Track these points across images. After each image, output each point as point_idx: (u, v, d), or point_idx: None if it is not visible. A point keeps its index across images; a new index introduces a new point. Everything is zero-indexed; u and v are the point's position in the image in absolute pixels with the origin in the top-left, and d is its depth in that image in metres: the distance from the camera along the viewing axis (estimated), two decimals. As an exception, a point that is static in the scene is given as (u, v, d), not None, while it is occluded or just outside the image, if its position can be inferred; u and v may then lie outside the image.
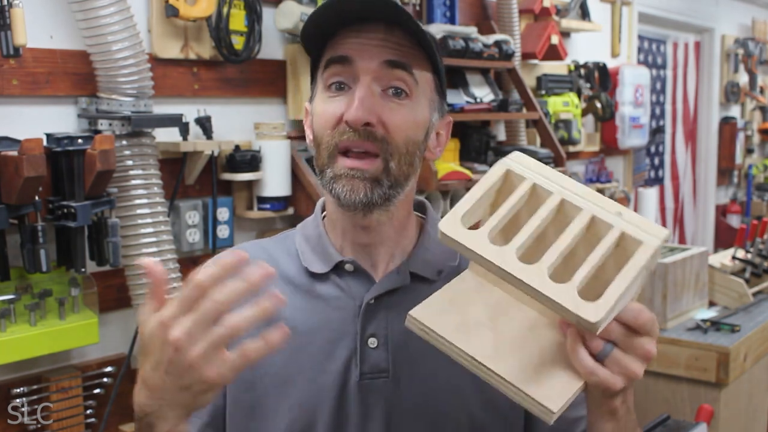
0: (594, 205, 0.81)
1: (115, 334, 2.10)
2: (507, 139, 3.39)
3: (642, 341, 0.78)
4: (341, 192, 0.97)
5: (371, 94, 0.96)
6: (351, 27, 0.97)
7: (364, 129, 0.95)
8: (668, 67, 5.34)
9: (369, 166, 0.96)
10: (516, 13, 3.26)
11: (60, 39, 1.94)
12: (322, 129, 0.99)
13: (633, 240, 0.78)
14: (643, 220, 0.80)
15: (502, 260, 0.76)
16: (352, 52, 0.96)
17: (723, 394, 2.45)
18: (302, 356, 1.00)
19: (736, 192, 5.91)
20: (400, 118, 0.97)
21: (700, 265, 2.79)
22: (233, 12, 2.25)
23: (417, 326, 0.83)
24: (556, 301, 0.73)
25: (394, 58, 0.96)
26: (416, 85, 0.99)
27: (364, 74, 0.96)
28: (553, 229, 0.81)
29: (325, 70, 0.99)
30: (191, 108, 2.20)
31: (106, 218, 1.90)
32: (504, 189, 0.85)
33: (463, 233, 0.79)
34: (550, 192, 0.82)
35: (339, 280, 1.03)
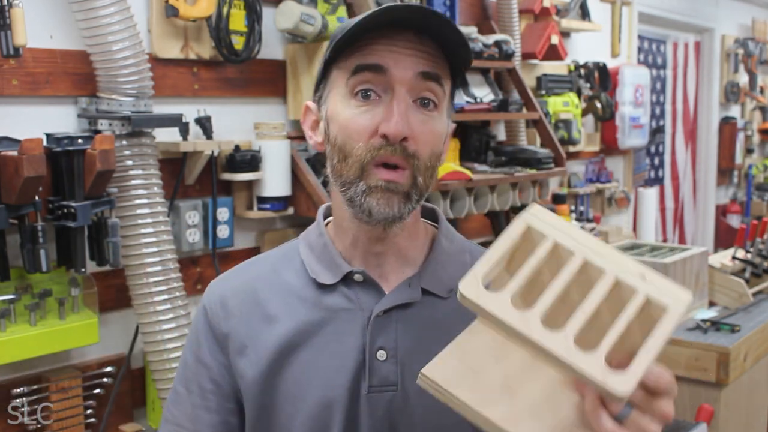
0: (616, 266, 0.79)
1: (115, 334, 2.10)
2: (507, 139, 3.39)
3: (660, 403, 0.77)
4: (375, 206, 0.94)
5: (408, 107, 0.93)
6: (380, 32, 0.94)
7: (400, 144, 0.93)
8: (668, 67, 5.34)
9: (402, 179, 0.94)
10: (516, 13, 3.26)
11: (60, 39, 1.94)
12: (353, 140, 0.94)
13: (658, 306, 0.77)
14: (665, 282, 0.78)
15: (527, 327, 0.75)
16: (387, 61, 0.93)
17: (723, 394, 2.45)
18: (312, 370, 0.99)
19: (736, 192, 5.91)
20: (428, 131, 0.95)
21: (700, 265, 2.79)
22: (233, 12, 2.25)
23: (430, 385, 0.81)
24: (585, 374, 0.72)
25: (429, 69, 0.94)
26: (444, 96, 0.97)
27: (400, 85, 0.93)
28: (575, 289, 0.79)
29: (353, 75, 0.95)
30: (191, 108, 2.20)
31: (106, 218, 1.90)
32: (523, 246, 0.82)
33: (485, 297, 0.77)
34: (571, 252, 0.80)
35: (348, 290, 1.01)
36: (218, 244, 2.28)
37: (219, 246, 2.29)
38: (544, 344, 0.73)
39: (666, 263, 2.60)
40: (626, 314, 0.76)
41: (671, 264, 2.61)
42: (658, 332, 0.75)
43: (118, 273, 2.05)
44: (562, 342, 0.73)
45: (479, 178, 2.77)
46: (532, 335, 0.74)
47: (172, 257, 2.02)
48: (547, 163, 3.08)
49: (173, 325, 1.99)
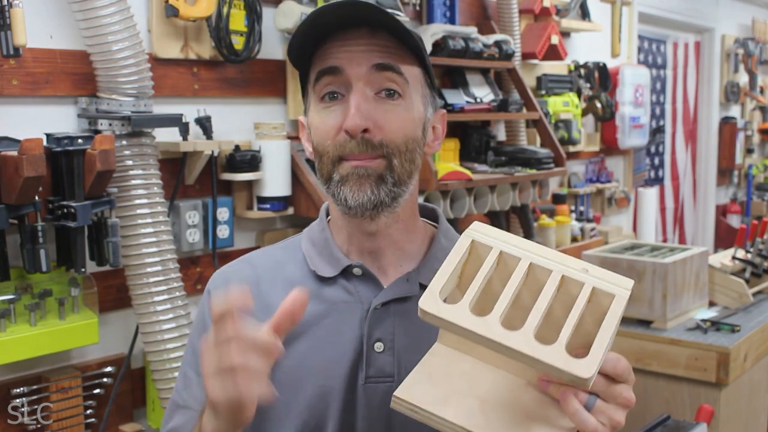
0: (561, 265, 0.85)
1: (115, 334, 2.10)
2: (507, 139, 3.39)
3: (621, 389, 0.81)
4: (348, 192, 0.98)
5: (365, 100, 0.97)
6: (335, 36, 0.98)
7: (362, 137, 0.96)
8: (668, 67, 5.33)
9: (372, 163, 0.98)
10: (516, 13, 3.26)
11: (60, 39, 1.94)
12: (323, 140, 1.00)
13: (605, 294, 0.83)
14: (607, 273, 0.85)
15: (488, 331, 0.79)
16: (341, 61, 0.98)
17: (723, 394, 2.45)
18: (310, 359, 1.01)
19: (736, 192, 5.91)
20: (396, 118, 0.99)
21: (700, 265, 2.79)
22: (233, 12, 2.25)
23: (404, 406, 0.84)
24: (549, 363, 0.76)
25: (381, 60, 0.98)
26: (407, 84, 1.00)
27: (356, 81, 0.97)
28: (526, 293, 0.84)
29: (316, 82, 1.00)
30: (191, 108, 2.20)
31: (106, 218, 1.90)
32: (470, 261, 0.87)
33: (445, 309, 0.81)
34: (517, 258, 0.85)
35: (347, 283, 1.04)
36: (218, 244, 2.28)
37: (219, 246, 2.29)
38: (507, 343, 0.78)
39: (666, 263, 2.60)
40: (578, 305, 0.81)
41: (671, 264, 2.61)
42: (610, 317, 0.80)
43: (118, 273, 2.05)
44: (523, 339, 0.78)
45: (479, 178, 2.77)
46: (495, 337, 0.78)
47: (172, 257, 2.02)
48: (547, 163, 3.08)
49: (173, 325, 1.99)
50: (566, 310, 0.82)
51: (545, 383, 0.82)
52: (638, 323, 2.66)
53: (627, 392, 0.82)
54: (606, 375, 0.81)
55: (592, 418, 0.79)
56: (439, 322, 0.81)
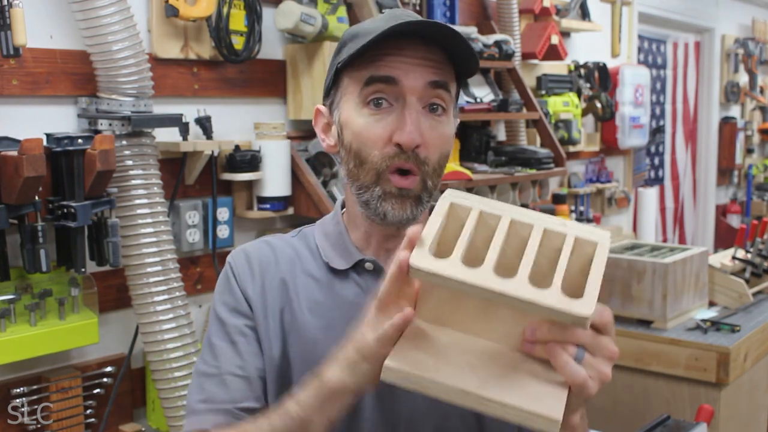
0: (540, 220, 0.88)
1: (115, 334, 2.10)
2: (507, 139, 3.39)
3: (606, 341, 0.82)
4: (390, 210, 1.00)
5: (419, 116, 0.98)
6: (389, 43, 0.98)
7: (413, 151, 0.98)
8: (668, 67, 5.33)
9: (412, 184, 1.00)
10: (516, 13, 3.26)
11: (60, 39, 1.94)
12: (368, 147, 1.00)
13: (588, 242, 0.86)
14: (584, 226, 0.89)
15: (484, 280, 0.80)
16: (397, 72, 0.98)
17: (723, 394, 2.45)
18: (320, 350, 1.02)
19: (736, 192, 5.91)
20: (438, 135, 1.01)
21: (700, 265, 2.79)
22: (233, 12, 2.25)
23: (397, 375, 0.83)
24: (549, 306, 0.77)
25: (437, 78, 0.99)
26: (452, 101, 1.02)
27: (411, 95, 0.98)
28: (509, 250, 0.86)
29: (365, 86, 0.99)
30: (191, 108, 2.20)
31: (106, 218, 1.90)
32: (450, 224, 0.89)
33: (437, 264, 0.82)
34: (498, 216, 0.88)
35: (358, 278, 1.06)
36: (218, 244, 2.28)
37: (219, 246, 2.29)
38: (506, 290, 0.79)
39: (666, 263, 2.60)
40: (564, 253, 0.84)
41: (671, 264, 2.61)
42: (597, 260, 0.84)
43: (118, 273, 2.05)
44: (519, 285, 0.79)
45: (479, 178, 2.77)
46: (493, 285, 0.79)
47: (172, 257, 2.02)
48: (547, 163, 3.08)
49: (173, 325, 1.99)
50: (551, 263, 0.83)
51: (530, 345, 0.82)
52: (638, 323, 2.66)
53: (612, 345, 0.83)
54: (593, 326, 0.82)
55: (582, 370, 0.80)
56: (432, 278, 0.81)
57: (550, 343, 0.81)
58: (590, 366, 0.81)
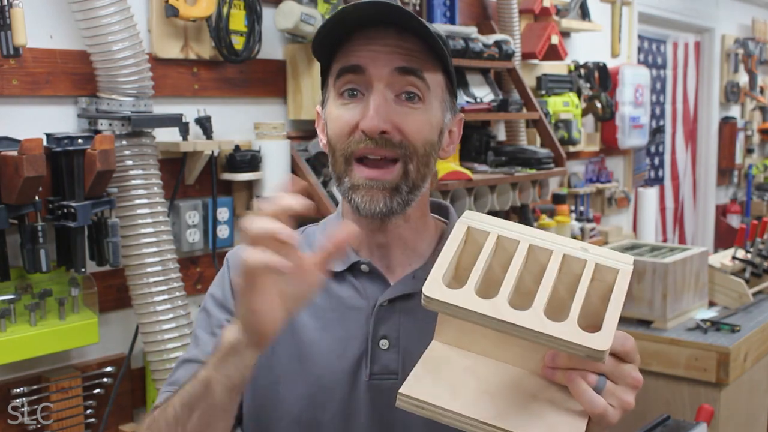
0: (560, 245, 0.84)
1: (115, 334, 2.10)
2: (507, 139, 3.39)
3: (629, 369, 0.81)
4: (360, 202, 0.98)
5: (385, 102, 0.97)
6: (362, 33, 0.98)
7: (380, 137, 0.96)
8: (668, 67, 5.33)
9: (388, 175, 0.98)
10: (516, 13, 3.26)
11: (60, 39, 1.94)
12: (337, 136, 1.00)
13: (608, 269, 0.82)
14: (606, 251, 0.84)
15: (498, 312, 0.77)
16: (364, 61, 0.97)
17: (723, 394, 2.45)
18: (314, 350, 1.02)
19: (736, 192, 5.91)
20: (415, 121, 0.98)
21: (700, 265, 2.79)
22: (233, 12, 2.25)
23: (410, 403, 0.82)
24: (564, 339, 0.75)
25: (405, 64, 0.97)
26: (428, 89, 1.00)
27: (377, 82, 0.97)
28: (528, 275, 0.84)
29: (338, 78, 0.99)
30: (191, 108, 2.20)
31: (106, 218, 1.90)
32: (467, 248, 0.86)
33: (450, 294, 0.80)
34: (516, 241, 0.85)
35: (354, 280, 1.05)
36: (218, 244, 2.28)
37: (219, 246, 2.29)
38: (519, 322, 0.76)
39: (666, 263, 2.60)
40: (583, 281, 0.81)
41: (671, 264, 2.61)
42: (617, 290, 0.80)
43: (118, 273, 2.04)
44: (534, 317, 0.77)
45: (479, 178, 2.77)
46: (506, 317, 0.77)
47: (172, 257, 2.02)
48: (547, 163, 3.08)
49: (173, 325, 1.99)
50: (570, 290, 0.81)
51: (551, 371, 0.81)
52: (638, 323, 2.66)
53: (635, 372, 0.81)
54: (615, 354, 0.80)
55: (601, 399, 0.78)
56: (445, 308, 0.80)
57: (569, 371, 0.79)
58: (611, 394, 0.79)
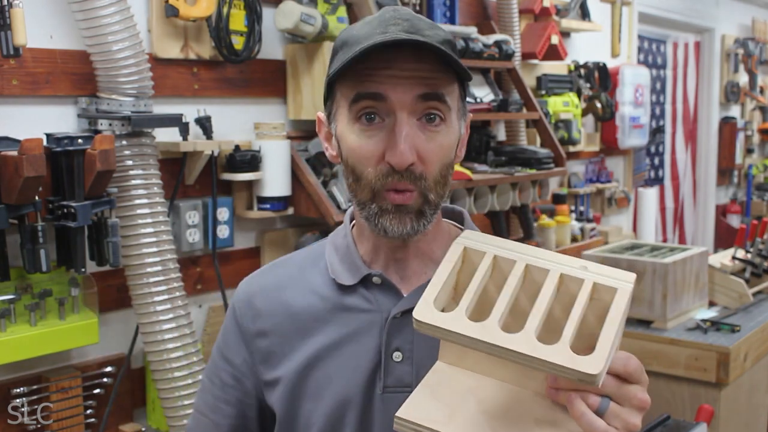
0: (558, 264, 0.81)
1: (115, 334, 2.10)
2: (507, 139, 3.39)
3: (634, 390, 0.78)
4: (389, 226, 0.96)
5: (411, 132, 0.94)
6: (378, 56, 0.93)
7: (407, 169, 0.94)
8: (668, 67, 5.33)
9: (410, 200, 0.96)
10: (516, 13, 3.26)
11: (60, 39, 1.94)
12: (363, 165, 0.96)
13: (607, 289, 0.79)
14: (608, 269, 0.81)
15: (488, 335, 0.76)
16: (385, 88, 0.93)
17: (723, 394, 2.45)
18: (330, 368, 1.02)
19: (736, 192, 5.91)
20: (436, 147, 0.96)
21: (700, 265, 2.79)
22: (233, 12, 2.25)
23: (407, 426, 0.81)
24: (553, 362, 0.73)
25: (428, 90, 0.94)
26: (449, 109, 0.97)
27: (400, 110, 0.94)
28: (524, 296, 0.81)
29: (353, 102, 0.95)
30: (191, 108, 2.20)
31: (106, 218, 1.90)
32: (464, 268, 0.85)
33: (440, 318, 0.78)
34: (512, 261, 0.82)
35: (366, 292, 1.03)
36: (218, 244, 2.28)
37: (219, 246, 2.29)
38: (508, 346, 0.74)
39: (666, 263, 2.60)
40: (579, 302, 0.78)
41: (671, 264, 2.61)
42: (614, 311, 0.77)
43: (118, 273, 2.04)
44: (524, 340, 0.75)
45: (479, 178, 2.77)
46: (495, 341, 0.75)
47: (172, 257, 2.02)
48: (547, 163, 3.08)
49: (173, 325, 1.99)
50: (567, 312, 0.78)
51: (554, 391, 0.79)
52: (638, 323, 2.66)
53: (641, 393, 0.78)
54: (617, 375, 0.78)
55: (601, 422, 0.76)
56: (435, 332, 0.79)
57: (570, 392, 0.77)
58: (615, 416, 0.77)
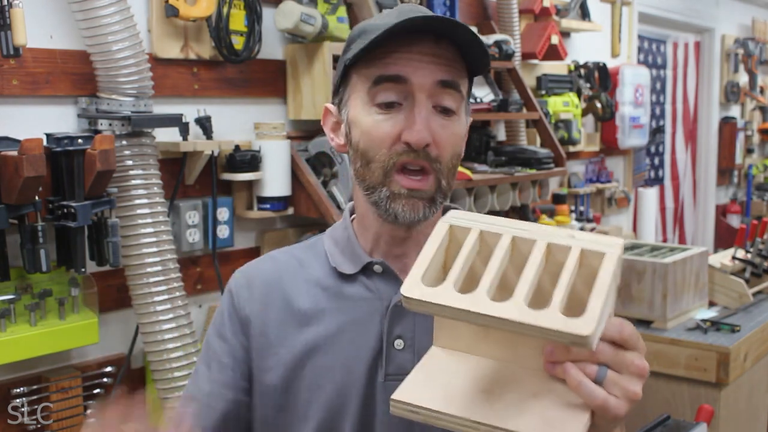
0: (545, 234, 0.81)
1: (115, 334, 2.10)
2: (507, 139, 3.39)
3: (632, 356, 0.77)
4: (400, 211, 0.97)
5: (429, 114, 0.96)
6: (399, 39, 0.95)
7: (423, 150, 0.96)
8: (668, 67, 5.34)
9: (425, 185, 0.97)
10: (516, 13, 3.26)
11: (60, 39, 1.94)
12: (376, 147, 0.98)
13: (595, 254, 0.79)
14: (596, 236, 0.81)
15: (477, 305, 0.75)
16: (406, 71, 0.95)
17: (723, 394, 2.45)
18: (330, 357, 1.02)
19: (736, 192, 5.91)
20: (449, 135, 0.98)
21: (700, 265, 2.79)
22: (233, 12, 2.25)
23: (404, 408, 0.80)
24: (544, 327, 0.72)
25: (448, 77, 0.96)
26: (462, 100, 1.00)
27: (420, 93, 0.96)
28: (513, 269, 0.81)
29: (374, 85, 0.97)
30: (191, 108, 2.20)
31: (106, 218, 1.90)
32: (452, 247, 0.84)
33: (429, 293, 0.77)
34: (499, 234, 0.82)
35: (367, 281, 1.04)
36: (218, 244, 2.28)
37: (219, 246, 2.29)
38: (498, 314, 0.73)
39: (666, 263, 2.60)
40: (568, 268, 0.78)
41: (671, 264, 2.61)
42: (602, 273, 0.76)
43: (118, 273, 2.04)
44: (514, 307, 0.74)
45: (479, 178, 2.77)
46: (484, 310, 0.74)
47: (172, 257, 2.02)
48: (547, 163, 3.08)
49: (173, 325, 1.99)
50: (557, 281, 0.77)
51: (551, 366, 0.78)
52: (638, 323, 2.66)
53: (639, 360, 0.77)
54: (612, 342, 0.77)
55: (600, 390, 0.75)
56: (424, 307, 0.78)
57: (566, 363, 0.76)
58: (614, 384, 0.75)
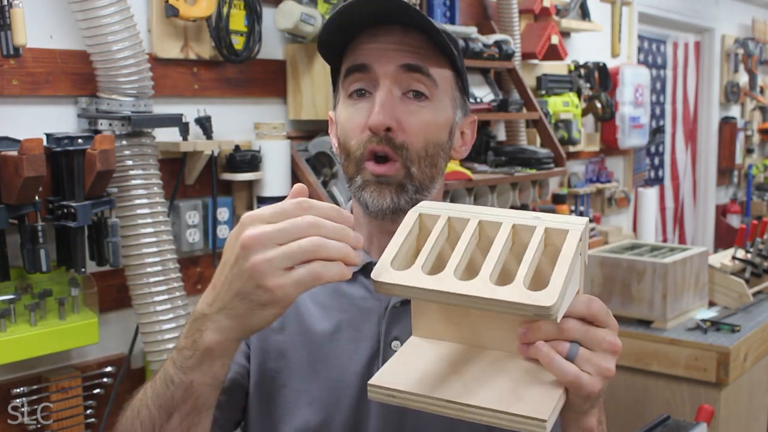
0: (511, 217, 0.83)
1: (115, 334, 2.10)
2: (507, 139, 3.39)
3: (603, 333, 0.77)
4: (369, 199, 0.99)
5: (391, 98, 0.97)
6: (367, 32, 0.98)
7: (384, 135, 0.97)
8: (668, 67, 5.34)
9: (391, 171, 0.98)
10: (516, 13, 3.26)
11: (60, 39, 1.94)
12: (350, 137, 1.00)
13: (558, 232, 0.81)
14: (561, 216, 0.83)
15: (444, 285, 0.77)
16: (370, 59, 0.98)
17: (723, 394, 2.45)
18: (325, 353, 1.02)
19: (736, 192, 5.91)
20: (419, 120, 0.98)
21: (700, 265, 2.79)
22: (233, 12, 2.25)
23: (380, 393, 0.81)
24: (508, 300, 0.73)
25: (410, 61, 0.98)
26: (435, 86, 1.00)
27: (383, 79, 0.98)
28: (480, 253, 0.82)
29: (345, 78, 1.00)
30: (191, 108, 2.20)
31: (106, 218, 1.90)
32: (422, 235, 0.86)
33: (397, 275, 0.79)
34: (466, 219, 0.84)
35: (366, 281, 1.04)
36: (218, 244, 2.28)
37: (219, 246, 2.29)
38: (463, 291, 0.75)
39: (666, 263, 2.60)
40: (532, 245, 0.80)
41: (671, 264, 2.61)
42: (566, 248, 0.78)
43: (118, 273, 2.04)
44: (480, 284, 0.76)
45: (479, 178, 2.77)
46: (450, 288, 0.76)
47: (172, 257, 2.02)
48: (547, 163, 3.08)
49: (173, 325, 1.99)
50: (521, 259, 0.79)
51: (525, 347, 0.78)
52: (638, 323, 2.66)
53: (610, 336, 0.77)
54: (582, 319, 0.77)
55: (572, 367, 0.75)
56: (394, 290, 0.79)
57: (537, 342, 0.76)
58: (586, 361, 0.76)
